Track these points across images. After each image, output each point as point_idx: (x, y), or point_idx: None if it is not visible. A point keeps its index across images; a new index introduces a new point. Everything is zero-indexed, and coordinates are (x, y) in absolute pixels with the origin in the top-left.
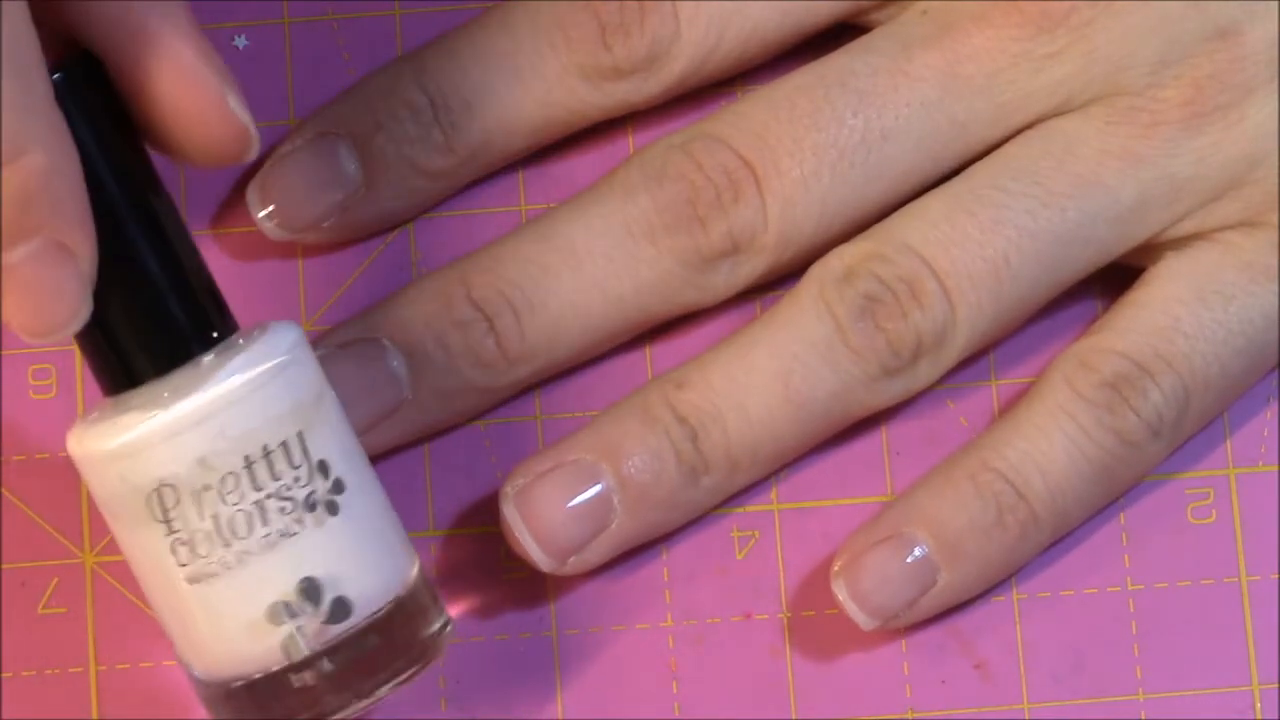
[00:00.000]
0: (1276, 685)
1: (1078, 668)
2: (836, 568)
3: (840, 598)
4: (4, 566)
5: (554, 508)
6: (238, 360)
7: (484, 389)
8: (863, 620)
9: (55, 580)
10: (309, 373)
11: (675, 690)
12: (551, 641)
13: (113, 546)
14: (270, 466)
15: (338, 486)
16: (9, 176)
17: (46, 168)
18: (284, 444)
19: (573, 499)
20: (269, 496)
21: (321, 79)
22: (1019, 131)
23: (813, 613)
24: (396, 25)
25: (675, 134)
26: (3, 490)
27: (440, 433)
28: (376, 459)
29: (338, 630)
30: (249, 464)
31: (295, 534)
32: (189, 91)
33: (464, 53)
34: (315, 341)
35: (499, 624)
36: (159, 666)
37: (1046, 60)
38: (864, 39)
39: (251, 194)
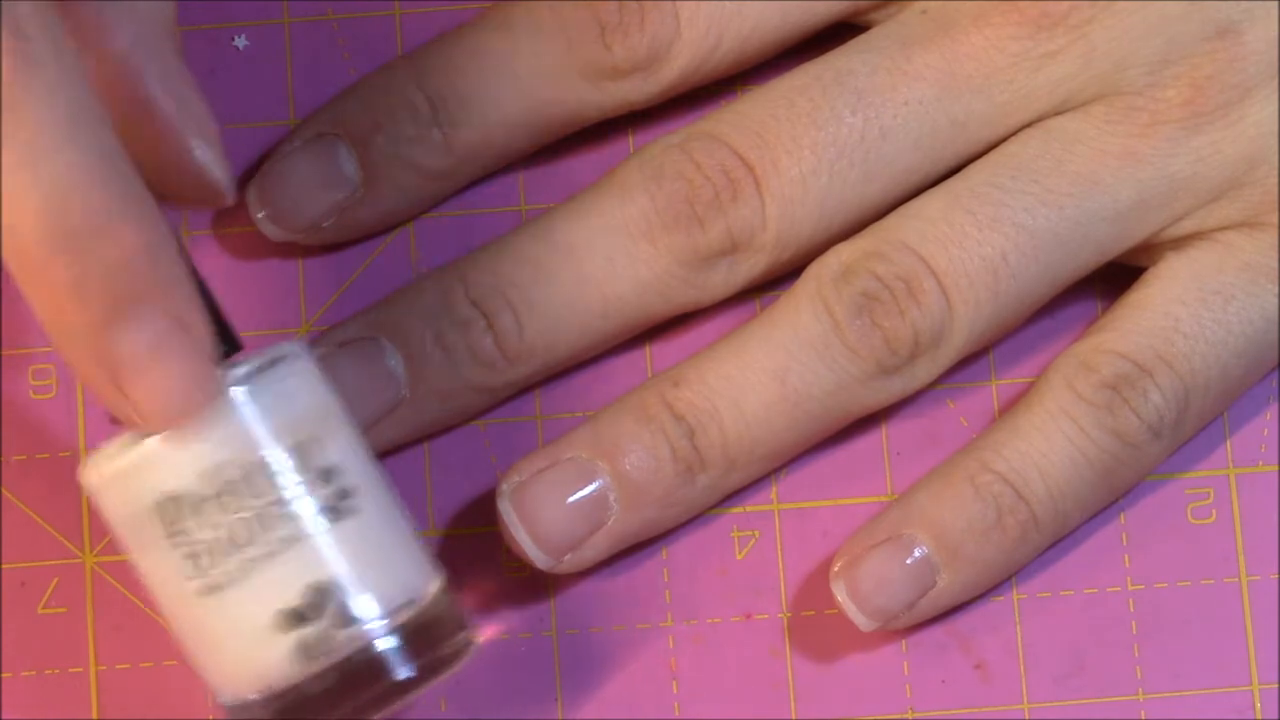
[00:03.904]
0: (1276, 685)
1: (1078, 668)
2: (836, 569)
3: (840, 599)
4: (4, 566)
5: (550, 505)
6: (237, 373)
7: (482, 388)
8: (862, 622)
9: (55, 580)
10: (312, 387)
11: (675, 690)
12: (551, 641)
13: (113, 546)
14: (270, 476)
15: (343, 494)
16: (107, 250)
17: (140, 241)
18: (289, 450)
19: (569, 496)
20: (271, 504)
21: (321, 79)
22: (1018, 131)
23: (813, 613)
24: (396, 25)
25: (674, 133)
26: (3, 490)
27: (440, 433)
28: (376, 459)
29: (344, 636)
30: (248, 474)
31: (299, 540)
32: (160, 141)
33: (462, 53)
34: (315, 341)
35: (499, 624)
36: (159, 666)
37: (1045, 60)
38: (863, 38)
39: (251, 194)
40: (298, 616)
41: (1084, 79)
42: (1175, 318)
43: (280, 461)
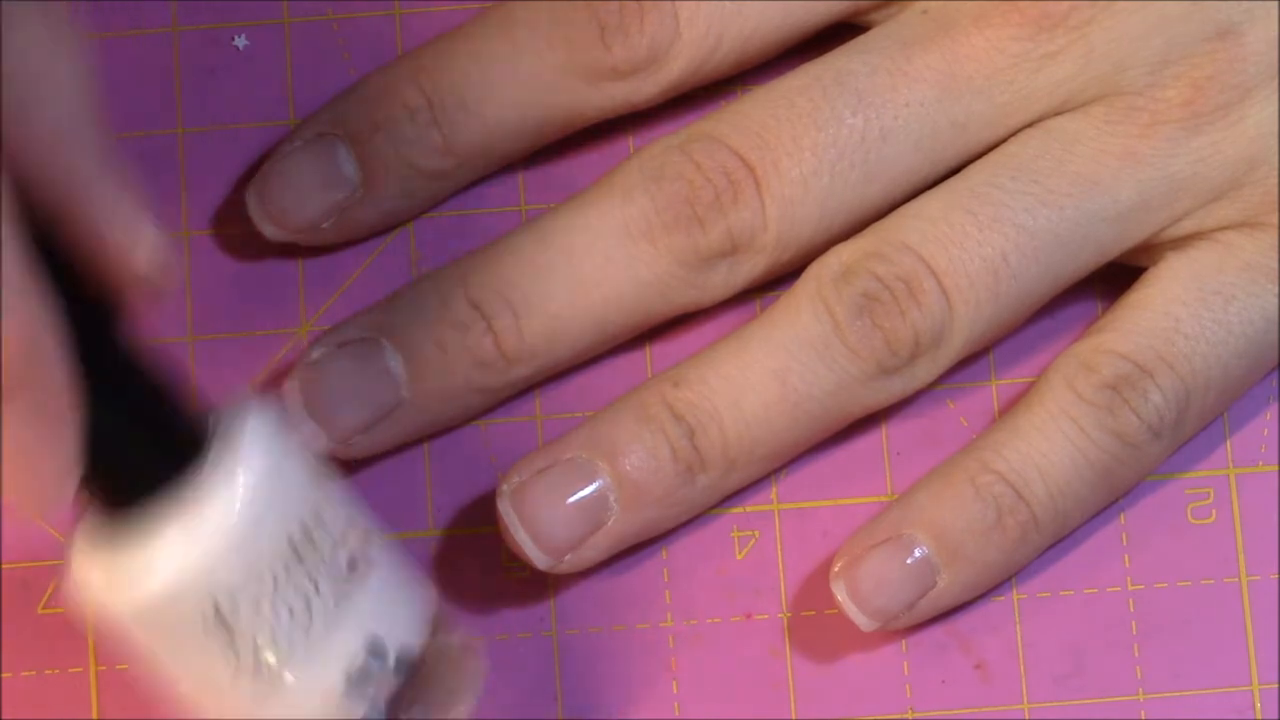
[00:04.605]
0: (1276, 685)
1: (1078, 668)
2: (836, 569)
3: (840, 599)
4: (4, 566)
5: (550, 505)
6: (241, 452)
7: (482, 389)
8: (862, 622)
9: (55, 580)
10: (297, 441)
11: (675, 690)
12: (551, 641)
13: None
14: (311, 541)
15: (367, 538)
16: None
17: (18, 336)
18: (316, 514)
19: (569, 496)
20: (318, 569)
21: (321, 79)
22: (1018, 131)
23: (813, 613)
24: (396, 25)
25: (674, 134)
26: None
27: (440, 433)
28: (376, 459)
29: (400, 681)
30: (293, 546)
31: (348, 598)
32: (84, 230)
33: (462, 53)
34: (315, 341)
35: (499, 624)
36: None
37: (1046, 60)
38: (863, 38)
39: (251, 194)
40: (364, 675)
41: (1084, 79)
42: (1176, 318)
43: (316, 522)
